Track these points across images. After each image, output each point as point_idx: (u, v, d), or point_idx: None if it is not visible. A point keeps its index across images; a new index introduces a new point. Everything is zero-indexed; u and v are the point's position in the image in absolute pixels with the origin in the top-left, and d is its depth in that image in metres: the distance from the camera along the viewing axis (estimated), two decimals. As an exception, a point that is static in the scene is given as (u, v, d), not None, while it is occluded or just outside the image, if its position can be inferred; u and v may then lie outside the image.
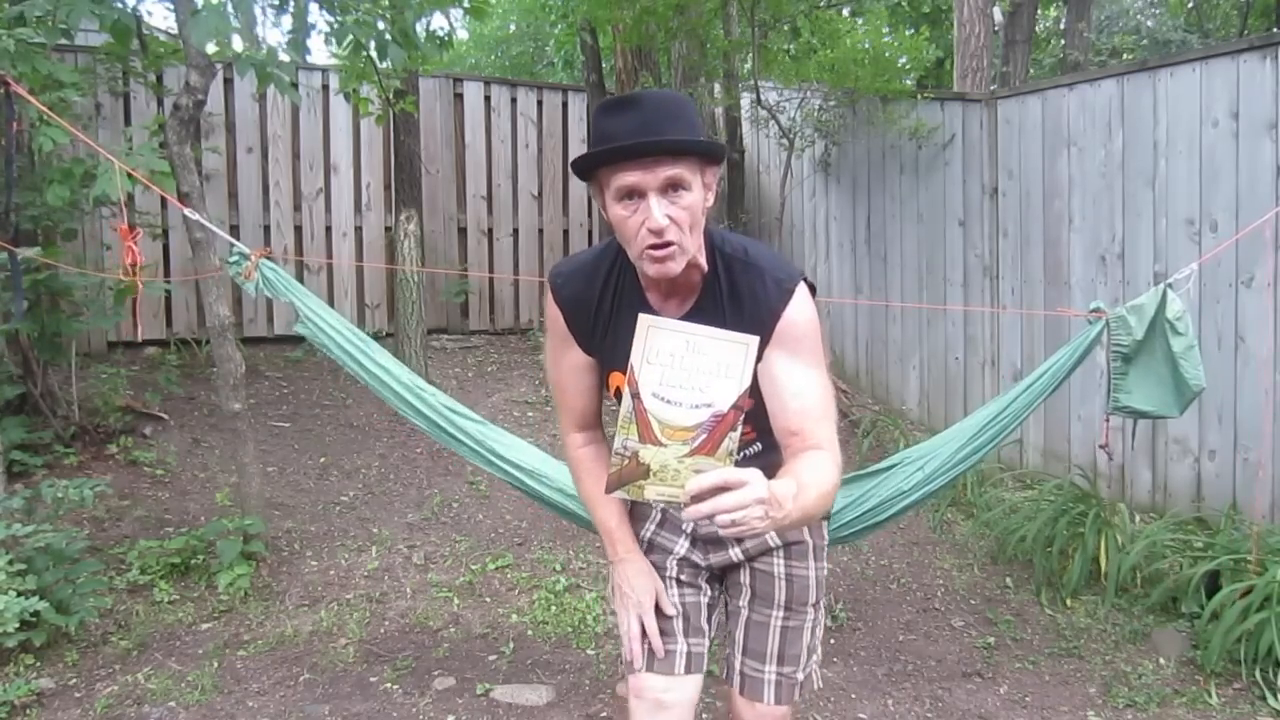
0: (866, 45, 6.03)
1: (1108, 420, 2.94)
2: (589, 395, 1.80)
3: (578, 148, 7.32)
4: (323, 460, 5.14)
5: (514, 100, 7.32)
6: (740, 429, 1.27)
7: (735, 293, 1.60)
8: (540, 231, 7.35)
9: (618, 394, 1.61)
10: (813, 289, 1.66)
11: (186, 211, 3.53)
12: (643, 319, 1.26)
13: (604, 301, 1.68)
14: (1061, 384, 2.88)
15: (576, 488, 1.92)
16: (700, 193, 1.50)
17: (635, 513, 1.87)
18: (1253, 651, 3.18)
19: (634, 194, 1.47)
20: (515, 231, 7.27)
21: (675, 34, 6.37)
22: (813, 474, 1.43)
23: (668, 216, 1.46)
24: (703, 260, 1.60)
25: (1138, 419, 2.97)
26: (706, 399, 1.26)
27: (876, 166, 6.09)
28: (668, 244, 1.48)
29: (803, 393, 1.56)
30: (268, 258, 3.13)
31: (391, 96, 5.40)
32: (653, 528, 1.88)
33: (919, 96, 5.73)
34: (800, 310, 1.59)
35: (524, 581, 3.99)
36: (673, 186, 1.47)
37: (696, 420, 1.26)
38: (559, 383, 1.81)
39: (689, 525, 1.83)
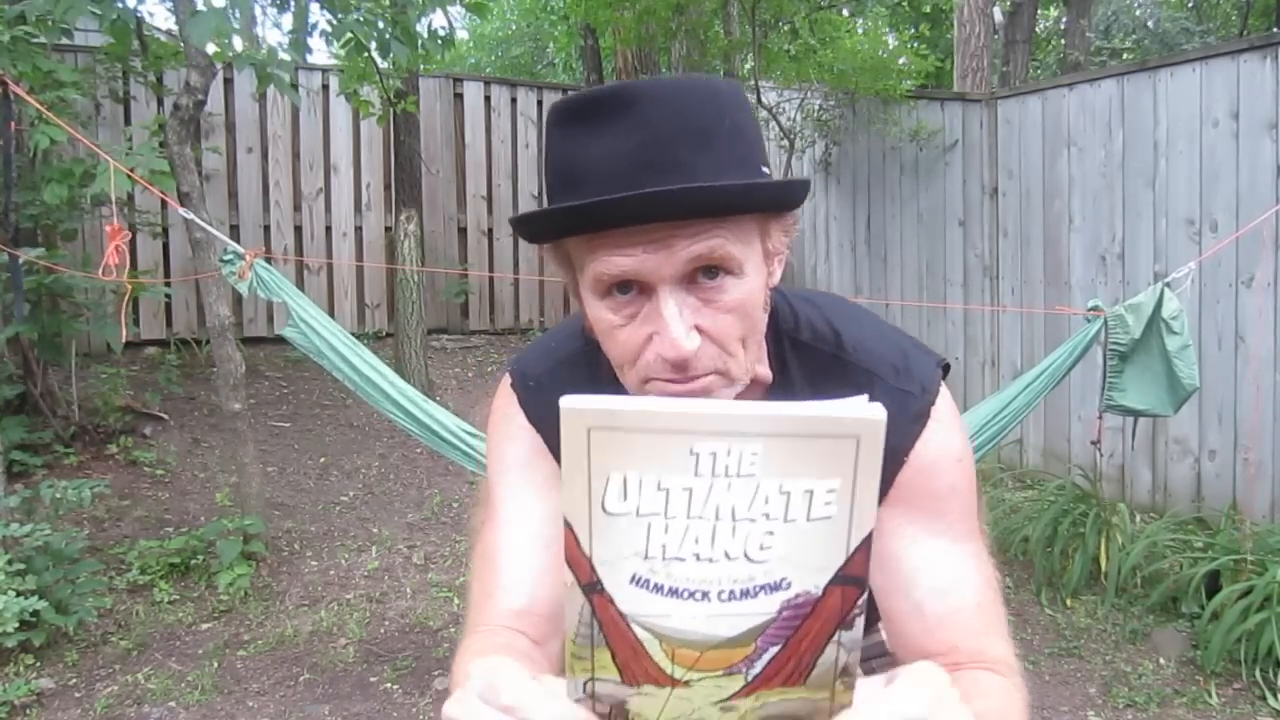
0: (864, 46, 6.02)
1: (1100, 417, 2.95)
2: (549, 574, 0.93)
3: (578, 148, 7.30)
4: (323, 460, 5.14)
5: (514, 100, 7.32)
6: (858, 624, 0.55)
7: None
8: (540, 231, 7.34)
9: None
10: (945, 370, 0.98)
11: (183, 211, 3.53)
12: (576, 408, 0.50)
13: None
14: (1060, 382, 2.89)
15: None
16: (759, 274, 0.81)
17: None
18: (1253, 651, 3.17)
19: (629, 287, 0.79)
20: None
21: (675, 34, 6.37)
22: (1007, 699, 0.85)
23: (697, 330, 0.78)
24: (763, 364, 0.93)
25: (1136, 417, 2.98)
26: (769, 574, 0.53)
27: (876, 166, 6.09)
28: (696, 376, 0.80)
29: (953, 589, 0.91)
30: (263, 258, 3.14)
31: (392, 97, 5.40)
32: None
33: (915, 104, 5.73)
34: (944, 444, 0.92)
35: (524, 581, 3.99)
36: (706, 271, 0.78)
37: (748, 624, 0.53)
38: (503, 546, 0.97)
39: None
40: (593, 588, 0.53)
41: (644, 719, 0.55)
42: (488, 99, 7.23)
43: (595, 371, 0.93)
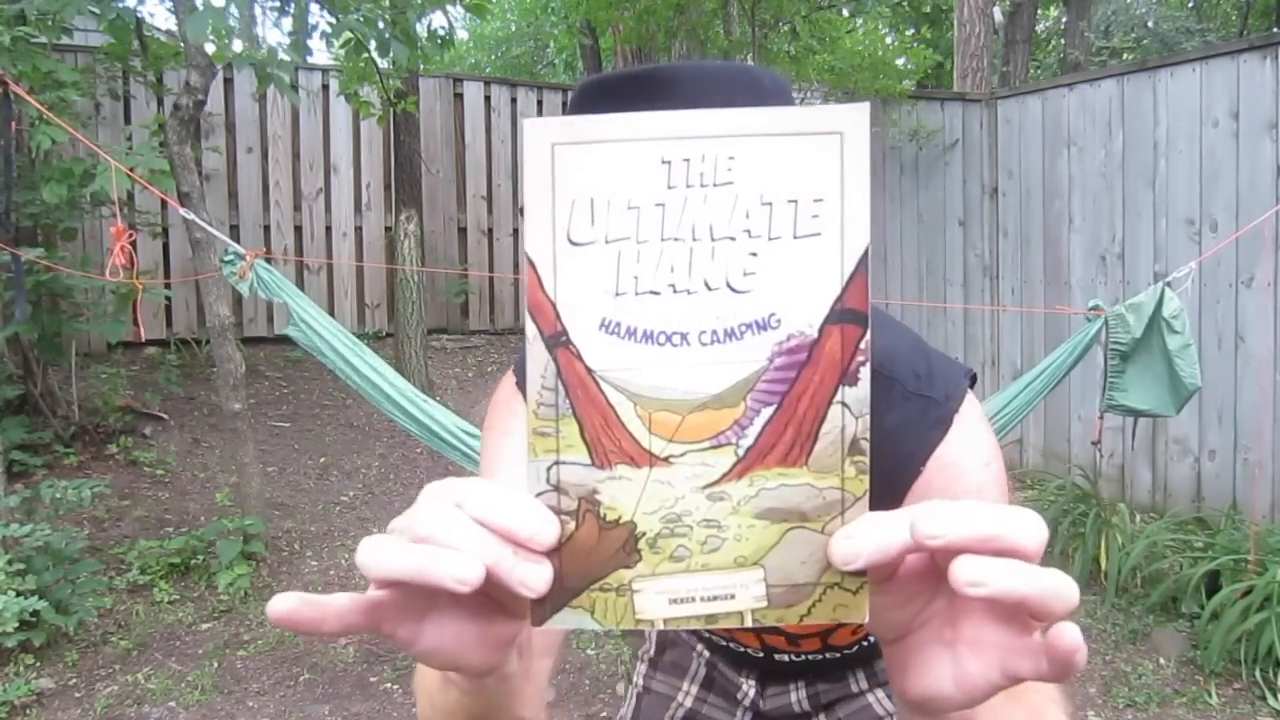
0: (865, 46, 6.03)
1: (1101, 417, 2.95)
2: None
3: (578, 148, 7.30)
4: (323, 460, 5.14)
5: (514, 100, 7.32)
6: (863, 378, 0.46)
7: None
8: (540, 231, 7.35)
9: None
10: (972, 381, 0.93)
11: (183, 212, 3.53)
12: (539, 122, 0.45)
13: None
14: (1060, 382, 2.89)
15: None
16: None
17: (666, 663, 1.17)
18: (1253, 651, 3.17)
19: None
20: (515, 231, 7.27)
21: (675, 34, 6.37)
22: None
23: None
24: None
25: (1136, 417, 2.98)
26: (755, 308, 0.46)
27: (877, 166, 6.09)
28: None
29: None
30: (263, 258, 3.14)
31: (392, 97, 5.40)
32: (693, 692, 1.22)
33: (915, 103, 5.74)
34: (970, 445, 0.87)
35: (524, 581, 3.99)
36: None
37: (736, 376, 0.46)
38: (489, 472, 1.00)
39: (750, 692, 1.19)
40: (558, 339, 0.46)
41: (617, 512, 0.47)
42: (488, 99, 7.22)
43: None
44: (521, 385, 0.96)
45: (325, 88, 6.60)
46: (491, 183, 7.21)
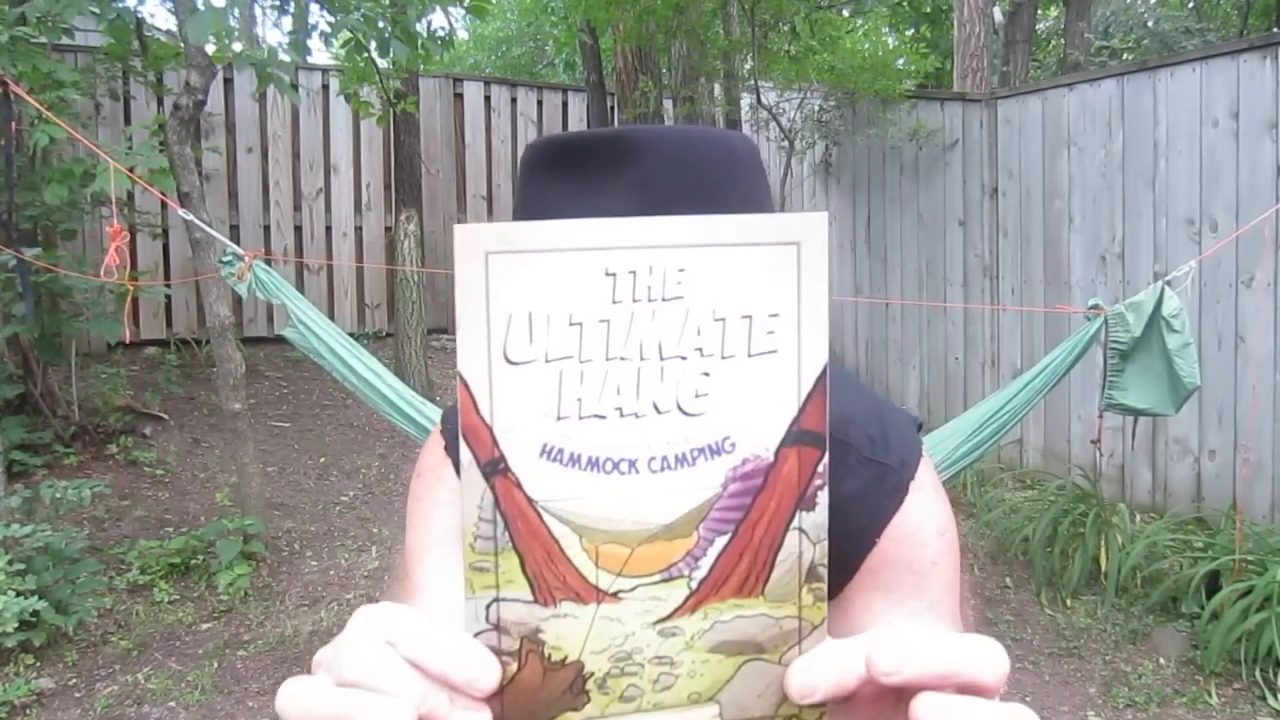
0: (865, 46, 6.03)
1: (1100, 416, 2.95)
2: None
3: (578, 148, 7.30)
4: (323, 460, 5.14)
5: (514, 100, 7.32)
6: (821, 503, 0.44)
7: None
8: (540, 231, 7.35)
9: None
10: (919, 428, 0.91)
11: (182, 212, 3.53)
12: (471, 229, 0.41)
13: None
14: (1060, 381, 2.89)
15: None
16: None
17: None
18: (1253, 651, 3.17)
19: None
20: (515, 231, 7.27)
21: (675, 34, 6.37)
22: None
23: None
24: None
25: (1136, 417, 2.98)
26: (708, 432, 0.42)
27: (876, 167, 6.09)
28: None
29: None
30: (262, 259, 3.14)
31: (392, 97, 5.40)
32: None
33: (915, 104, 5.73)
34: (925, 514, 0.83)
35: (524, 581, 4.00)
36: None
37: (688, 504, 0.43)
38: (421, 549, 0.86)
39: None
40: (495, 466, 0.42)
41: (562, 651, 0.44)
42: (488, 99, 7.23)
43: None
44: (450, 450, 0.88)
45: (325, 88, 6.60)
46: (491, 183, 7.21)
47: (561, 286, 0.41)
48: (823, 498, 0.44)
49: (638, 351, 0.41)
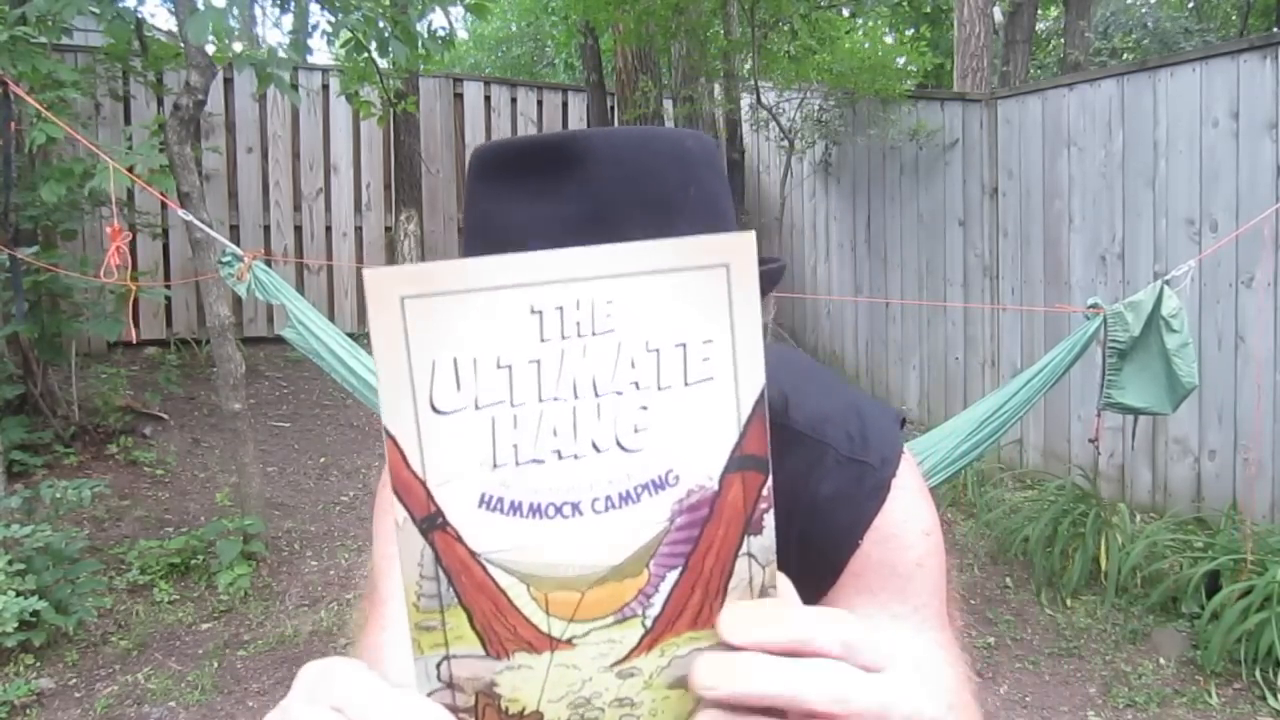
0: (865, 46, 6.03)
1: (1099, 415, 2.95)
2: None
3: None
4: (323, 460, 5.14)
5: (514, 100, 7.32)
6: (767, 526, 0.43)
7: (777, 493, 0.61)
8: (540, 231, 7.35)
9: None
10: (901, 424, 0.89)
11: (181, 213, 3.54)
12: (382, 273, 0.39)
13: None
14: (1060, 380, 2.89)
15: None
16: None
17: None
18: (1253, 651, 3.17)
19: None
20: (515, 231, 7.27)
21: (675, 34, 6.37)
22: None
23: None
24: None
25: (1136, 416, 2.98)
26: (650, 467, 0.41)
27: (876, 166, 6.09)
28: None
29: None
30: (262, 259, 3.14)
31: (392, 97, 5.40)
32: None
33: (915, 104, 5.74)
34: (908, 514, 0.82)
35: (524, 581, 4.00)
36: None
37: (636, 543, 0.42)
38: (386, 655, 0.81)
39: None
40: (433, 522, 0.41)
41: (520, 703, 0.42)
42: (488, 99, 7.23)
43: None
44: None
45: (325, 88, 6.60)
46: (491, 183, 7.21)
47: (486, 328, 0.39)
48: (769, 520, 0.43)
49: (571, 390, 0.40)
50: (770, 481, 0.42)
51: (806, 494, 0.81)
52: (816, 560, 0.80)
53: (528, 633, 0.42)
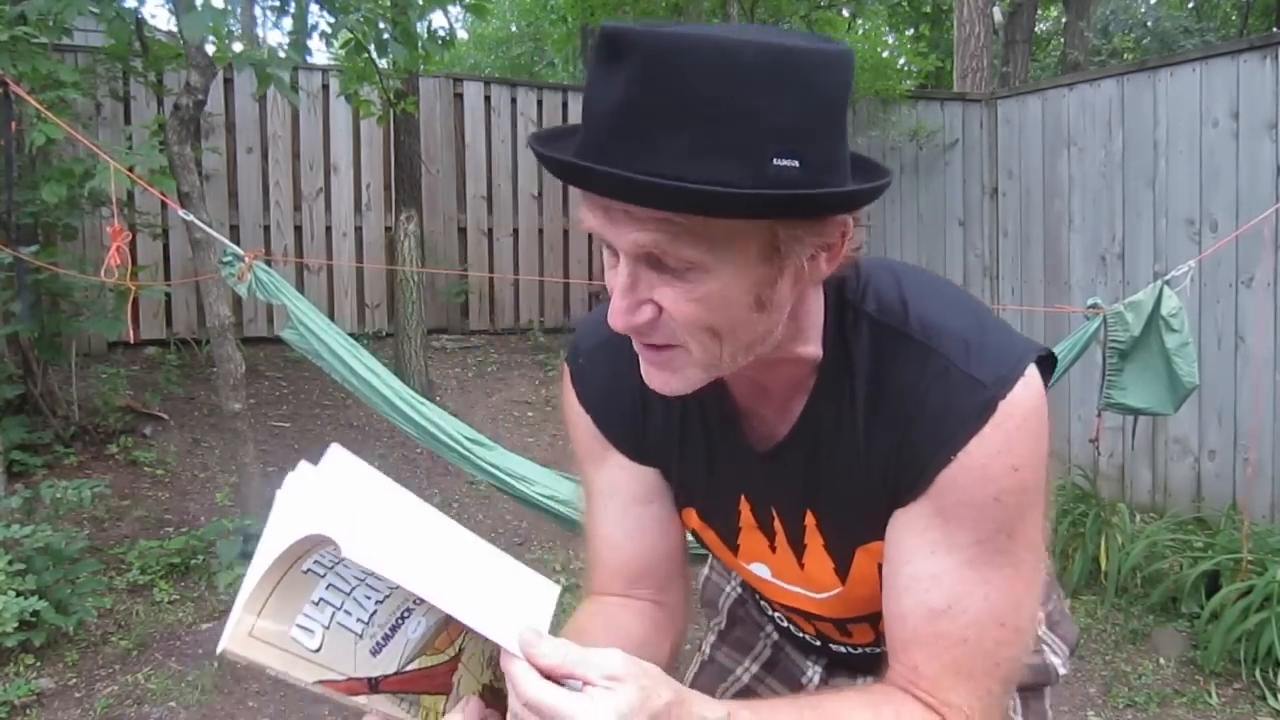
0: (864, 47, 6.03)
1: (1099, 415, 2.95)
2: (652, 532, 1.01)
3: (578, 148, 7.30)
4: (323, 460, 5.14)
5: (514, 100, 7.31)
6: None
7: (882, 397, 0.83)
8: (540, 231, 7.34)
9: (698, 538, 1.05)
10: (1049, 363, 0.86)
11: (182, 213, 3.53)
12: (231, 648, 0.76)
13: (650, 398, 0.91)
14: (1059, 380, 2.89)
15: None
16: (742, 276, 0.74)
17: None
18: (1253, 651, 3.17)
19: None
20: (515, 231, 7.27)
21: (675, 34, 6.36)
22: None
23: (651, 303, 0.75)
24: (812, 343, 0.85)
25: (1135, 416, 2.98)
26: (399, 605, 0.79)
27: (876, 166, 6.09)
28: (660, 346, 0.78)
29: (945, 614, 0.81)
30: (262, 259, 3.14)
31: (392, 97, 5.40)
32: (753, 670, 1.24)
33: (915, 104, 5.74)
34: (1004, 446, 0.80)
35: (524, 581, 3.99)
36: (654, 264, 0.73)
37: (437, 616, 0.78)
38: (591, 522, 1.04)
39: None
40: (374, 685, 0.76)
41: (471, 690, 0.81)
42: (488, 99, 7.22)
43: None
44: (583, 398, 1.00)
45: (325, 88, 6.60)
46: (491, 183, 7.21)
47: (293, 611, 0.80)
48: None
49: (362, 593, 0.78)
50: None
51: (913, 400, 0.81)
52: (908, 468, 0.81)
53: (447, 666, 0.81)
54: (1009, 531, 0.81)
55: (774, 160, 0.68)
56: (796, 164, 0.69)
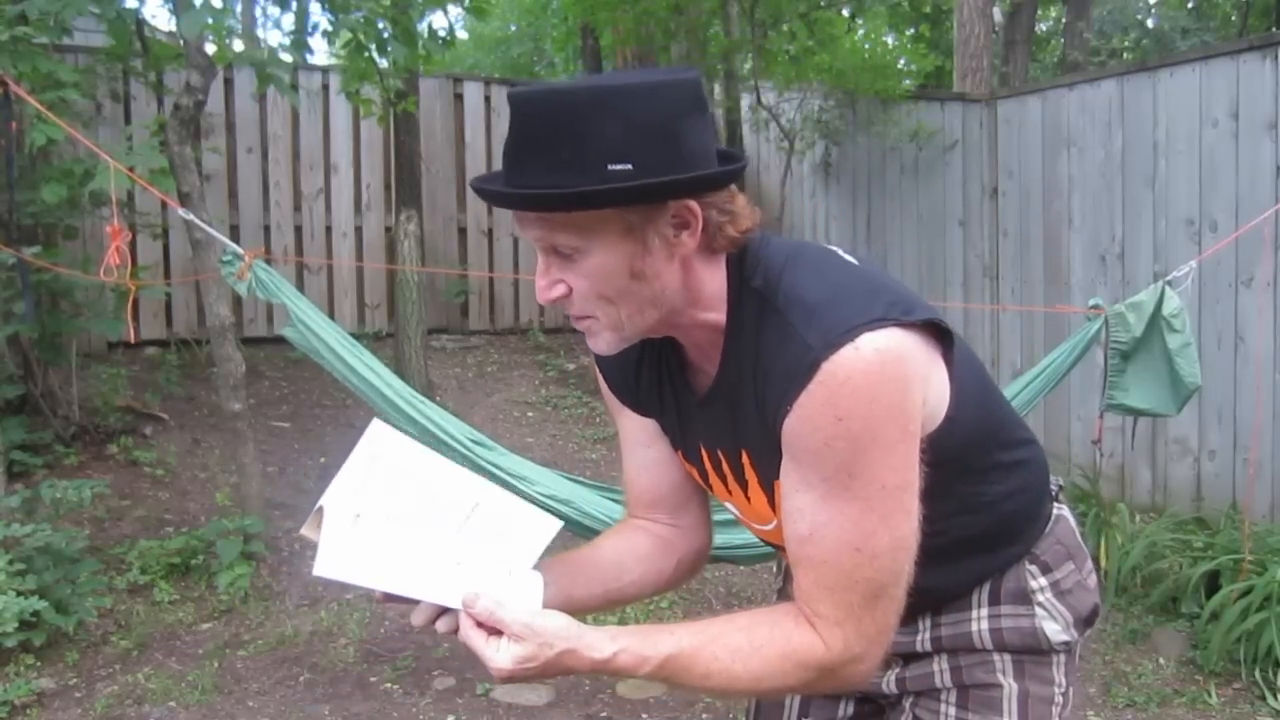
0: (865, 47, 6.03)
1: (1101, 416, 2.95)
2: (656, 468, 1.25)
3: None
4: (323, 460, 5.14)
5: (514, 100, 7.31)
6: None
7: (758, 357, 1.01)
8: (540, 232, 7.35)
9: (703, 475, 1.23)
10: (944, 334, 1.01)
11: (182, 212, 3.52)
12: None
13: (643, 361, 1.18)
14: (1060, 381, 2.89)
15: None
16: (614, 253, 0.95)
17: None
18: (1253, 651, 3.17)
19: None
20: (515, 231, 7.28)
21: (674, 34, 6.37)
22: (753, 635, 0.99)
23: (561, 283, 0.99)
24: (714, 311, 1.04)
25: (1137, 417, 2.98)
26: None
27: (876, 167, 6.09)
28: (581, 317, 1.02)
29: (809, 540, 0.99)
30: (262, 259, 3.13)
31: (392, 97, 5.40)
32: None
33: (915, 104, 5.74)
34: (826, 400, 0.93)
35: (524, 581, 3.99)
36: (555, 252, 0.98)
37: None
38: (623, 460, 1.31)
39: None
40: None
41: None
42: (488, 99, 7.22)
43: None
44: (599, 365, 1.24)
45: (325, 88, 6.60)
46: (491, 183, 7.21)
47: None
48: None
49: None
50: None
51: (768, 360, 0.99)
52: (769, 418, 0.99)
53: None
54: (849, 471, 0.94)
55: (609, 166, 0.91)
56: (630, 167, 0.91)
